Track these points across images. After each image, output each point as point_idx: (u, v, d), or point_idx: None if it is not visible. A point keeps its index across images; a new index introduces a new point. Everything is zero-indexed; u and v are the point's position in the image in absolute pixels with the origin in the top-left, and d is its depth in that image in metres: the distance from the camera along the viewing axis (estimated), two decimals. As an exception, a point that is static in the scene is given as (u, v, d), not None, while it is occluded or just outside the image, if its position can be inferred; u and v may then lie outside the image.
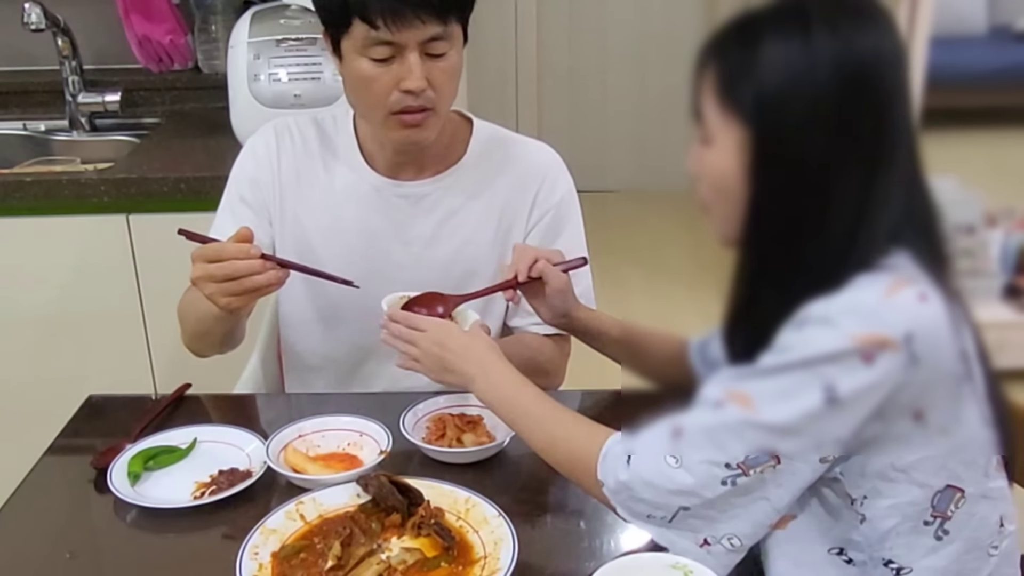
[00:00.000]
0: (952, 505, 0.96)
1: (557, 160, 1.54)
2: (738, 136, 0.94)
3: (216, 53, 2.56)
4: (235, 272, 1.22)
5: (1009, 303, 3.02)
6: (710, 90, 0.96)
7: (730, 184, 0.96)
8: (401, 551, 1.07)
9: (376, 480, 1.12)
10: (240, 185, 1.50)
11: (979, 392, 0.96)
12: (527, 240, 1.51)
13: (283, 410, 1.47)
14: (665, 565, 0.96)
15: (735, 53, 0.95)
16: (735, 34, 0.96)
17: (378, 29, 1.27)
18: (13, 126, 2.51)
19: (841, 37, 0.91)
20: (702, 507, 0.95)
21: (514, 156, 1.52)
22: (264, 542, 1.07)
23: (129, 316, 2.11)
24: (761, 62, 0.92)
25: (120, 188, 2.04)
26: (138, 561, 1.12)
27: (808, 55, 0.90)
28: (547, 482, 1.21)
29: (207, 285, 1.23)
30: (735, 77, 0.94)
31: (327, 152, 1.50)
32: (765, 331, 0.94)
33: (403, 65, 1.30)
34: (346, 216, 1.48)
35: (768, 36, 0.92)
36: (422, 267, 1.48)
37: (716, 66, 0.96)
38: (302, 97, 2.04)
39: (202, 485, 1.21)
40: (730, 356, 1.02)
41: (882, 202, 0.92)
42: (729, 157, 0.95)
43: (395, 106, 1.33)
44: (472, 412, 1.33)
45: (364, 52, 1.30)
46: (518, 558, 1.03)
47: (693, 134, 1.01)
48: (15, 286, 2.11)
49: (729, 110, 0.94)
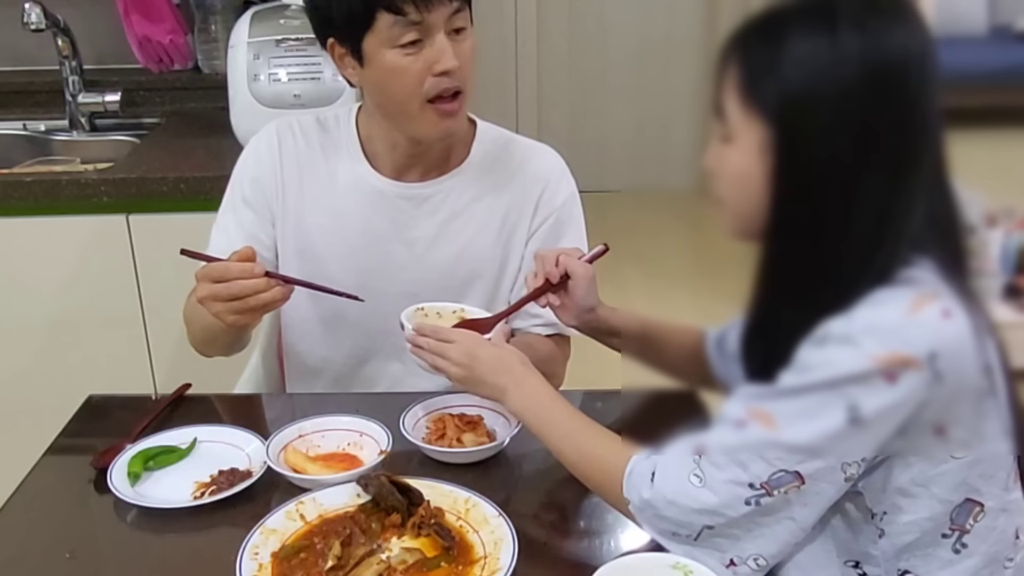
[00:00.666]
0: (971, 519, 0.96)
1: (560, 163, 1.54)
2: (760, 135, 0.92)
3: (216, 53, 2.56)
4: (240, 292, 1.22)
5: (1009, 303, 3.02)
6: (732, 87, 0.95)
7: (750, 183, 0.94)
8: (401, 551, 1.07)
9: (376, 480, 1.12)
10: (242, 185, 1.50)
11: (1001, 404, 0.95)
12: (529, 243, 1.51)
13: (283, 410, 1.47)
14: (665, 565, 0.97)
15: (759, 50, 0.93)
16: (759, 31, 0.94)
17: (406, 14, 1.27)
18: (13, 126, 2.51)
19: (869, 34, 0.88)
20: (726, 526, 0.94)
21: (518, 159, 1.51)
22: (264, 542, 1.07)
23: (129, 316, 2.11)
24: (786, 60, 0.90)
25: (120, 188, 2.04)
26: (138, 561, 1.12)
27: (835, 53, 0.88)
28: (547, 482, 1.21)
29: (213, 304, 1.24)
30: (759, 75, 0.92)
31: (330, 151, 1.49)
32: (784, 346, 0.92)
33: (433, 48, 1.30)
34: (348, 216, 1.48)
35: (794, 33, 0.90)
36: (424, 268, 1.48)
37: (739, 63, 0.94)
38: (302, 97, 2.04)
39: (202, 485, 1.21)
40: (748, 370, 1.01)
41: (906, 206, 0.90)
42: (750, 155, 0.94)
43: (430, 92, 1.33)
44: (472, 412, 1.33)
45: (392, 43, 1.30)
46: (518, 558, 1.03)
47: (713, 130, 1.00)
48: (15, 286, 2.11)
49: (752, 108, 0.93)
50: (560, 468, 1.25)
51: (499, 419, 1.30)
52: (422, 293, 1.42)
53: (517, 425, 1.26)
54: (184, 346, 1.50)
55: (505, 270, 1.51)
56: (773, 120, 0.92)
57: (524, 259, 1.51)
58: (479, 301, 1.48)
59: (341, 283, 1.36)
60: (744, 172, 0.95)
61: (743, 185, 0.95)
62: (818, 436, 0.89)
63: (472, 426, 1.30)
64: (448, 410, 1.33)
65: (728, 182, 0.98)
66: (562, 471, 1.23)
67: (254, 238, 1.47)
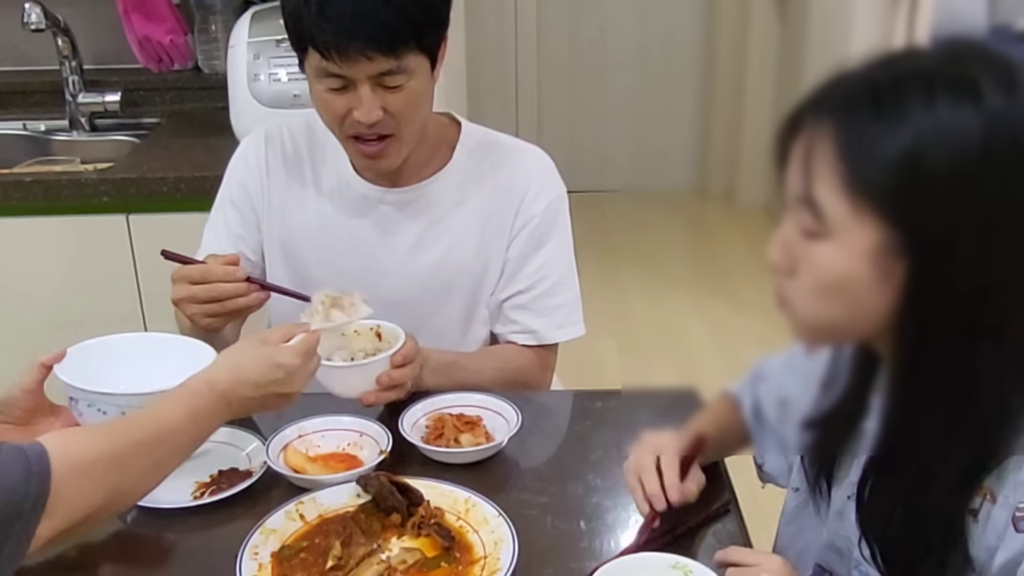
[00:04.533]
0: None
1: (546, 165, 1.51)
2: (876, 236, 0.74)
3: (216, 53, 2.56)
4: (220, 295, 1.26)
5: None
6: (828, 170, 0.75)
7: (855, 290, 0.76)
8: (401, 551, 1.07)
9: (376, 480, 1.12)
10: (231, 188, 1.52)
11: None
12: (510, 248, 1.48)
13: (283, 410, 1.46)
14: (665, 565, 0.97)
15: (870, 125, 0.73)
16: (867, 97, 0.74)
17: (328, 61, 1.27)
18: (13, 126, 2.51)
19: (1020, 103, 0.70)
20: None
21: (501, 161, 1.49)
22: (264, 542, 1.07)
23: (129, 316, 2.11)
24: (919, 143, 0.70)
25: (120, 188, 2.04)
26: (138, 561, 1.12)
27: (983, 129, 0.69)
28: (547, 482, 1.22)
29: (189, 306, 1.28)
30: (874, 160, 0.72)
31: (316, 157, 1.50)
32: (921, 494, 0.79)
33: (355, 95, 1.30)
34: (333, 221, 1.48)
35: (930, 101, 0.70)
36: (406, 274, 1.47)
37: (838, 139, 0.74)
38: (302, 97, 2.03)
39: (202, 485, 1.21)
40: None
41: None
42: (855, 259, 0.75)
43: (350, 131, 1.34)
44: (471, 412, 1.33)
45: (318, 79, 1.31)
46: (518, 558, 1.03)
47: (786, 217, 0.80)
48: (15, 286, 2.11)
49: (865, 202, 0.73)
50: (560, 468, 1.25)
51: (498, 419, 1.30)
52: (404, 298, 1.43)
53: (517, 425, 1.26)
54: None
55: (486, 275, 1.49)
56: (904, 224, 0.72)
57: (506, 263, 1.48)
58: (460, 305, 1.48)
59: (325, 288, 1.32)
60: (845, 275, 0.76)
61: (842, 289, 0.77)
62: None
63: (471, 426, 1.30)
64: (447, 410, 1.33)
65: (816, 283, 0.79)
66: (562, 471, 1.24)
67: (241, 239, 1.49)
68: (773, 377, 1.16)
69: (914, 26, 2.96)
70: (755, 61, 4.37)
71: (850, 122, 0.74)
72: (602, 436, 1.33)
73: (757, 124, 4.38)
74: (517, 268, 1.48)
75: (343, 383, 1.27)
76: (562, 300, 1.48)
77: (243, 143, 1.54)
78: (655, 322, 3.56)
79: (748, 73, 4.40)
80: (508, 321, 1.49)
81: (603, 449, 1.28)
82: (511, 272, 1.48)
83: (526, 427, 1.27)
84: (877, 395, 0.89)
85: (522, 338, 1.49)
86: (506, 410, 1.30)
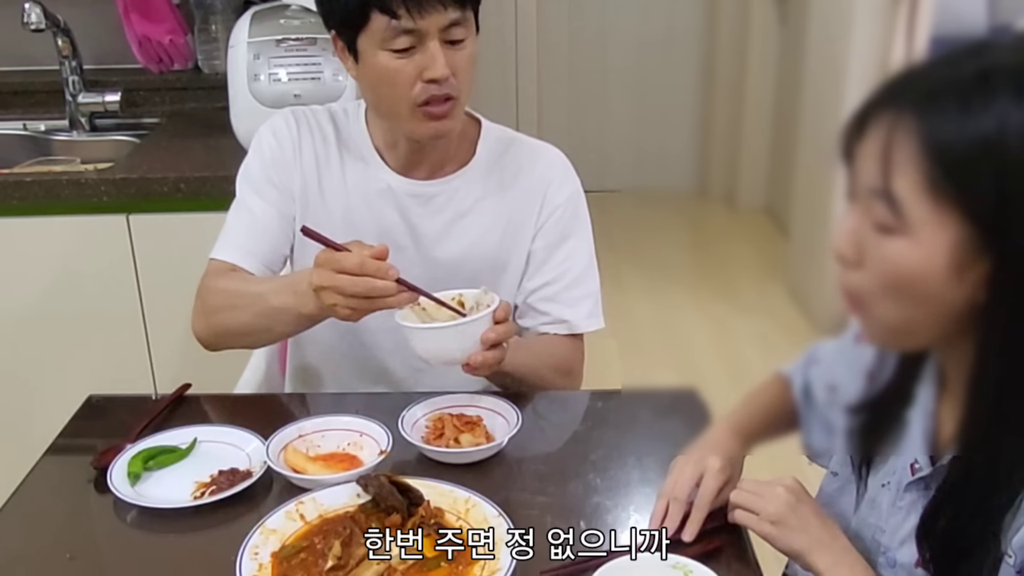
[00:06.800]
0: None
1: (564, 162, 1.55)
2: (957, 235, 0.72)
3: (216, 53, 2.57)
4: (371, 291, 1.18)
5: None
6: (910, 165, 0.73)
7: (927, 288, 0.74)
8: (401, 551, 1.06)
9: (376, 480, 1.12)
10: (265, 167, 1.48)
11: None
12: (536, 240, 1.50)
13: (283, 410, 1.47)
14: (665, 565, 0.97)
15: (956, 122, 0.71)
16: (952, 92, 0.72)
17: (399, 18, 1.27)
18: (13, 126, 2.51)
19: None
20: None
21: (522, 158, 1.52)
22: (264, 542, 1.07)
23: (129, 316, 2.11)
24: (1010, 140, 0.69)
25: (120, 188, 2.04)
26: (138, 561, 1.12)
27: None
28: (547, 482, 1.21)
29: (331, 295, 1.20)
30: (961, 159, 0.70)
31: (341, 145, 1.50)
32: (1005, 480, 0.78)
33: (425, 55, 1.30)
34: (358, 211, 1.48)
35: (1019, 96, 0.68)
36: (430, 266, 1.48)
37: (922, 134, 0.72)
38: (302, 97, 2.04)
39: (202, 485, 1.21)
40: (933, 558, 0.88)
41: None
42: (934, 257, 0.73)
43: (420, 98, 1.33)
44: (471, 413, 1.33)
45: (384, 45, 1.30)
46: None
47: (850, 204, 0.78)
48: (15, 286, 2.11)
49: (948, 200, 0.71)
50: (560, 468, 1.25)
51: (498, 419, 1.31)
52: (426, 289, 1.42)
53: (517, 425, 1.26)
54: (184, 346, 1.50)
55: (507, 269, 1.51)
56: (993, 227, 0.70)
57: (531, 255, 1.51)
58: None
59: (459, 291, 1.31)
60: (921, 273, 0.74)
61: (916, 287, 0.75)
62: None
63: (471, 426, 1.30)
64: (447, 410, 1.33)
65: (887, 279, 0.77)
66: (562, 471, 1.24)
67: (281, 215, 1.47)
68: (825, 361, 1.17)
69: (914, 26, 2.96)
70: (755, 61, 4.37)
71: (934, 117, 0.72)
72: (602, 436, 1.33)
73: (757, 124, 4.38)
74: (543, 260, 1.50)
75: (449, 344, 1.23)
76: (587, 290, 1.50)
77: (269, 123, 1.51)
78: (655, 322, 3.56)
79: (748, 73, 4.40)
80: (538, 313, 1.50)
81: (603, 449, 1.28)
82: (537, 263, 1.50)
83: (526, 427, 1.27)
84: (923, 385, 0.90)
85: (555, 328, 1.50)
86: (506, 410, 1.31)
